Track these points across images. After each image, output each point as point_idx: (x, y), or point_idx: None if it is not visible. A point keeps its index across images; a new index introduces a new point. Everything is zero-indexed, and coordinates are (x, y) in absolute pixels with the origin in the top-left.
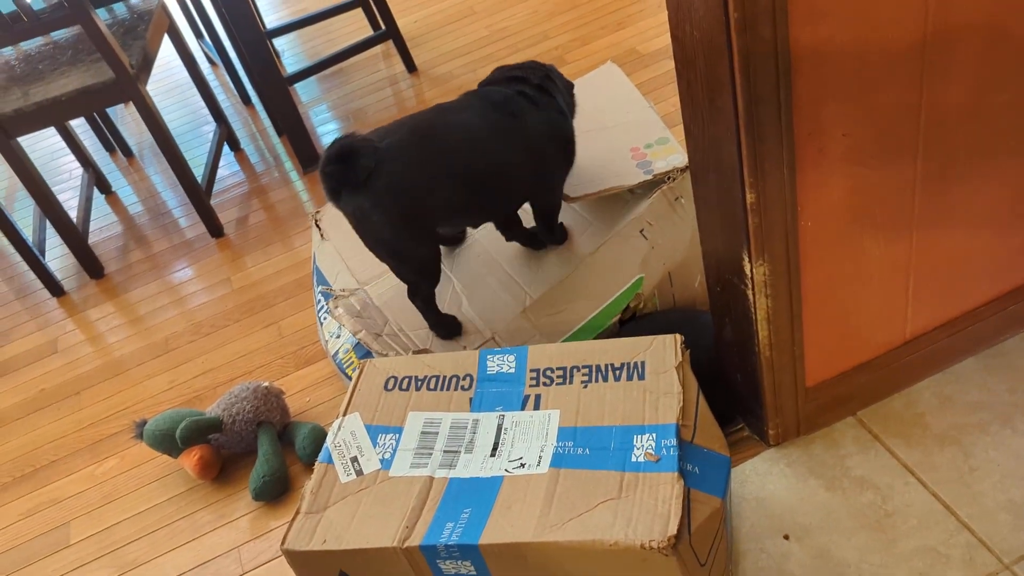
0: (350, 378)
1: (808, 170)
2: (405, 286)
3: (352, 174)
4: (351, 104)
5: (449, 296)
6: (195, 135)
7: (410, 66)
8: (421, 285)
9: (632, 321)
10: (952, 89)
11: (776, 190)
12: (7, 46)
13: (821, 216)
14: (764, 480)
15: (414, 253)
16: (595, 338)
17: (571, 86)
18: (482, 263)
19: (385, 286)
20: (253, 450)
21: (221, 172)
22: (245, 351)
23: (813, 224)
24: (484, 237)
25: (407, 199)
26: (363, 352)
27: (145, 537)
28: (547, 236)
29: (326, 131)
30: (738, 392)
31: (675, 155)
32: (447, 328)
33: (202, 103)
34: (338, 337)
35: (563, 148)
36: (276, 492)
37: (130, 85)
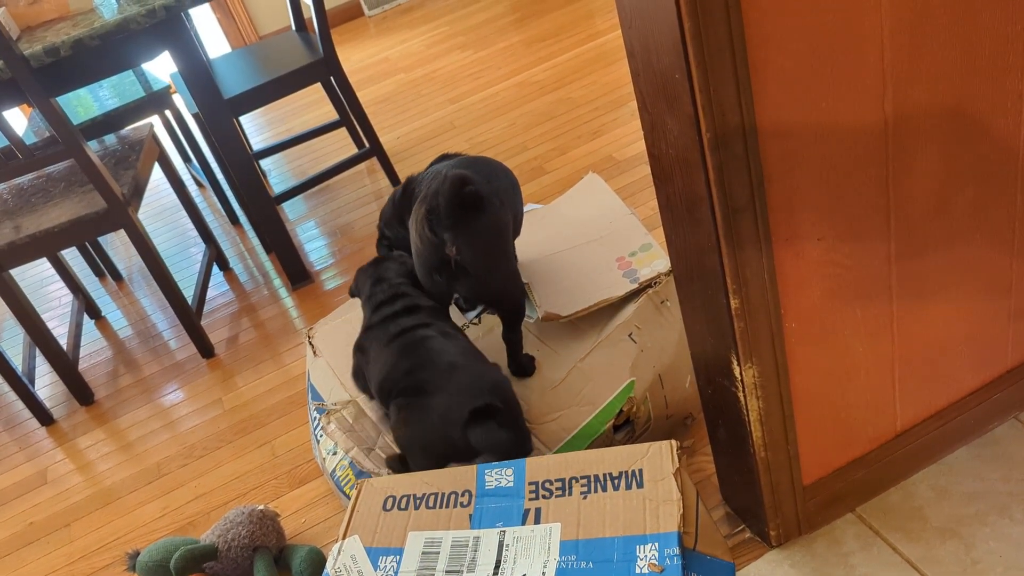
0: (348, 497)
1: (788, 274)
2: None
3: (477, 195)
4: (338, 220)
5: None
6: (183, 256)
7: (394, 180)
8: (519, 306)
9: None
10: (917, 190)
11: (759, 295)
12: (2, 182)
13: (804, 317)
14: None
15: (515, 269)
16: (591, 444)
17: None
18: None
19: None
20: None
21: (210, 292)
22: (238, 473)
23: (797, 325)
24: (479, 343)
25: (507, 225)
26: (358, 471)
27: None
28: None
29: (313, 247)
30: (737, 493)
31: (659, 260)
32: (529, 366)
33: (190, 225)
34: (334, 454)
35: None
36: None
37: (122, 214)
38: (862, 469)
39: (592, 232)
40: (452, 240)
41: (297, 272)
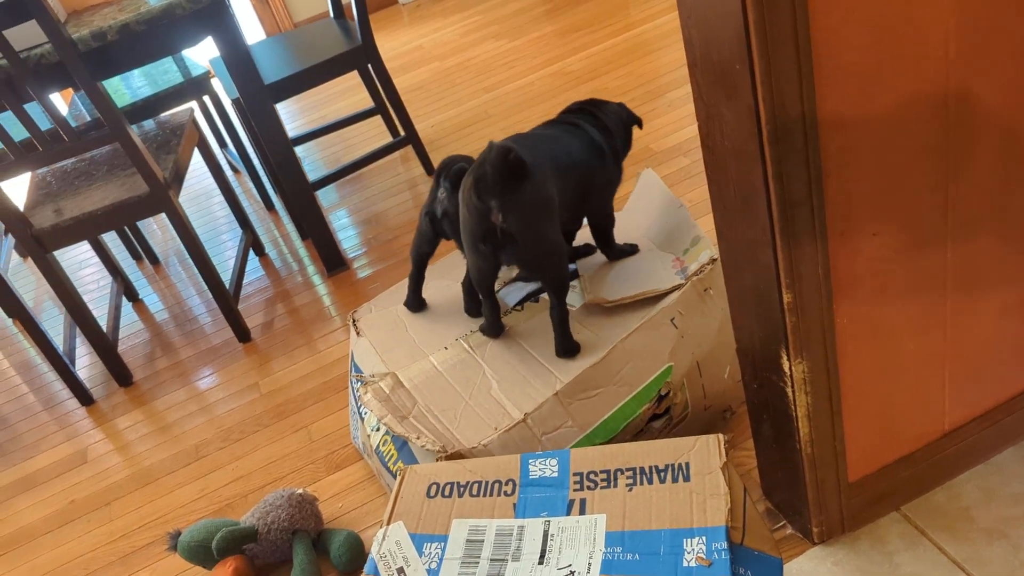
0: (392, 473)
1: (842, 269)
2: (439, 366)
3: (522, 164)
4: (371, 208)
5: (479, 380)
6: (217, 241)
7: (429, 169)
8: (564, 279)
9: None
10: (976, 186)
11: (812, 289)
12: (47, 165)
13: (856, 313)
14: None
15: (560, 240)
16: (625, 426)
17: (634, 121)
18: (514, 354)
19: (415, 370)
20: (288, 559)
21: (246, 277)
22: (276, 457)
23: (849, 321)
24: (513, 329)
25: (551, 197)
26: (400, 443)
27: None
28: (608, 252)
29: (345, 236)
30: (780, 489)
31: (705, 251)
32: (573, 351)
33: (223, 210)
34: (377, 430)
35: (612, 163)
36: None
37: (163, 198)
38: (908, 468)
39: (653, 236)
40: (499, 207)
41: (333, 259)
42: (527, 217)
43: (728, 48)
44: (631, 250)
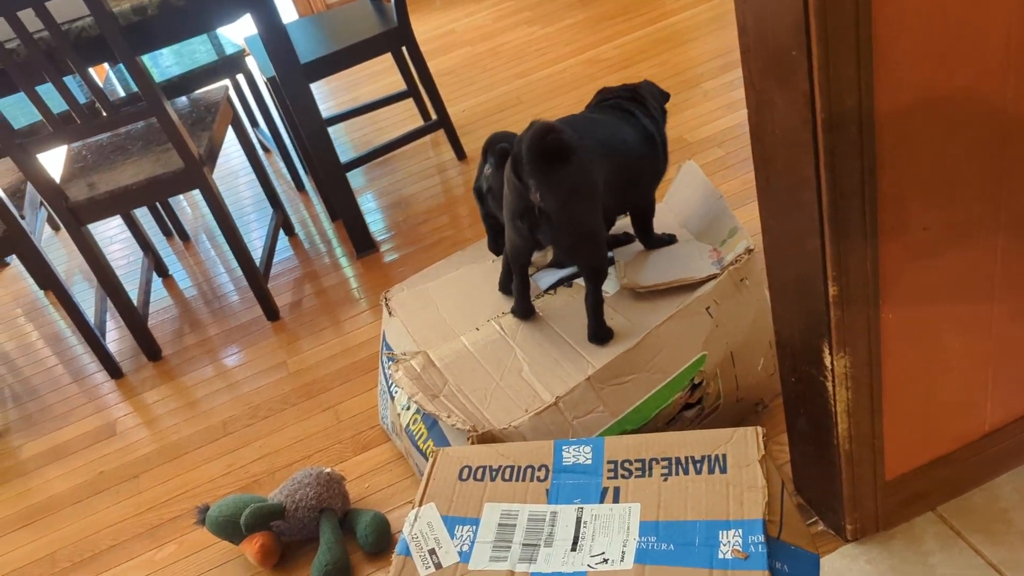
0: (422, 452)
1: (890, 263)
2: (470, 347)
3: (565, 144)
4: (400, 191)
5: (510, 362)
6: (246, 220)
7: (460, 154)
8: (605, 270)
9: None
10: None
11: (859, 283)
12: (84, 139)
13: (902, 308)
14: None
15: (600, 226)
16: (657, 414)
17: (666, 97)
18: (546, 337)
19: (447, 350)
20: (314, 537)
21: (275, 257)
22: (303, 435)
23: (895, 317)
24: (545, 312)
25: (594, 182)
26: (430, 422)
27: None
28: (646, 240)
29: (372, 220)
30: (813, 484)
31: (742, 242)
32: (608, 334)
33: (251, 190)
34: (408, 409)
35: (662, 154)
36: None
37: (198, 174)
38: (947, 468)
39: (691, 226)
40: (535, 186)
41: (363, 241)
42: (565, 199)
43: (785, 34)
44: (669, 239)
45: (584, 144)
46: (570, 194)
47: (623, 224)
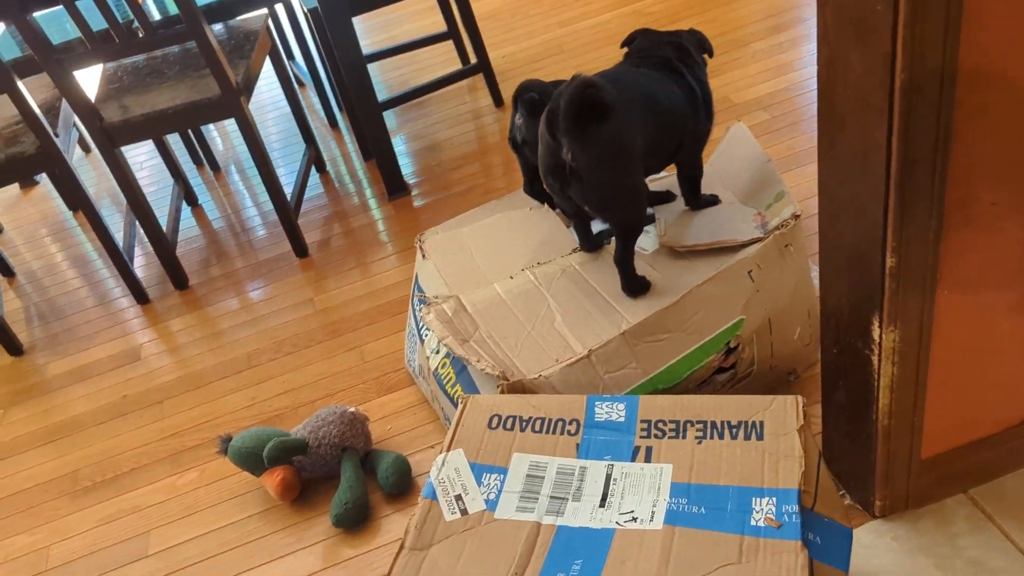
0: (450, 396)
1: (953, 237)
2: (503, 294)
3: (603, 102)
4: (433, 135)
5: (543, 312)
6: (274, 156)
7: (497, 100)
8: (638, 231)
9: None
10: None
11: (919, 256)
12: (122, 59)
13: (959, 286)
14: (870, 553)
15: (636, 186)
16: (690, 375)
17: (708, 50)
18: (580, 290)
19: (479, 296)
20: (335, 475)
21: (305, 193)
22: (327, 373)
23: (950, 293)
24: (582, 266)
25: (636, 133)
26: (459, 366)
27: (223, 554)
28: (692, 201)
29: (404, 163)
30: (844, 458)
31: (788, 207)
32: (642, 287)
33: (282, 124)
34: (437, 352)
35: (707, 115)
36: (357, 520)
37: (235, 103)
38: (984, 450)
39: (737, 189)
40: (568, 146)
41: (395, 183)
42: (598, 159)
43: None
44: (713, 200)
45: (624, 101)
46: (604, 154)
47: (668, 182)
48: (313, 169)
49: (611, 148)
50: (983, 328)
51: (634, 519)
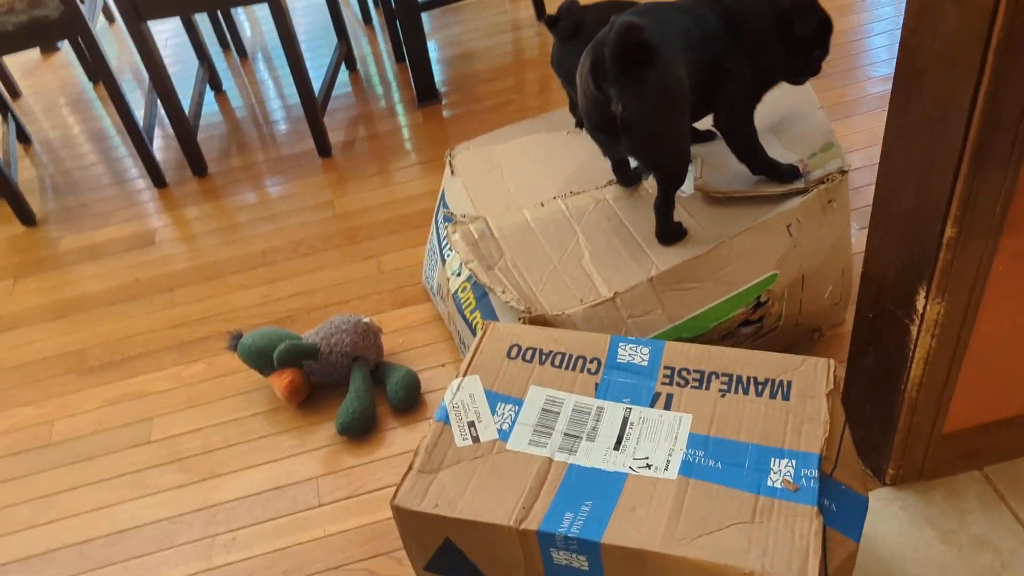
0: (467, 320)
1: (1019, 211)
2: (532, 222)
3: (648, 46)
4: (469, 43)
5: (571, 246)
6: (304, 47)
7: (540, 13)
8: (681, 179)
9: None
10: None
11: (982, 227)
12: None
13: (1016, 262)
14: (876, 519)
15: (685, 134)
16: (716, 326)
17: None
18: (612, 227)
19: (507, 220)
20: (343, 383)
21: (333, 91)
22: (343, 280)
23: (1004, 269)
24: (616, 201)
25: (681, 74)
26: (480, 292)
27: (225, 449)
28: (760, 170)
29: (435, 70)
30: (862, 423)
31: (834, 160)
32: (676, 235)
33: (310, 16)
34: (458, 275)
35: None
36: (362, 430)
37: None
38: (1007, 430)
39: (780, 133)
40: (618, 96)
41: (427, 89)
42: (652, 108)
43: None
44: (795, 172)
45: (666, 39)
46: (658, 101)
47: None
48: (343, 66)
49: (664, 94)
50: None
51: (648, 466)
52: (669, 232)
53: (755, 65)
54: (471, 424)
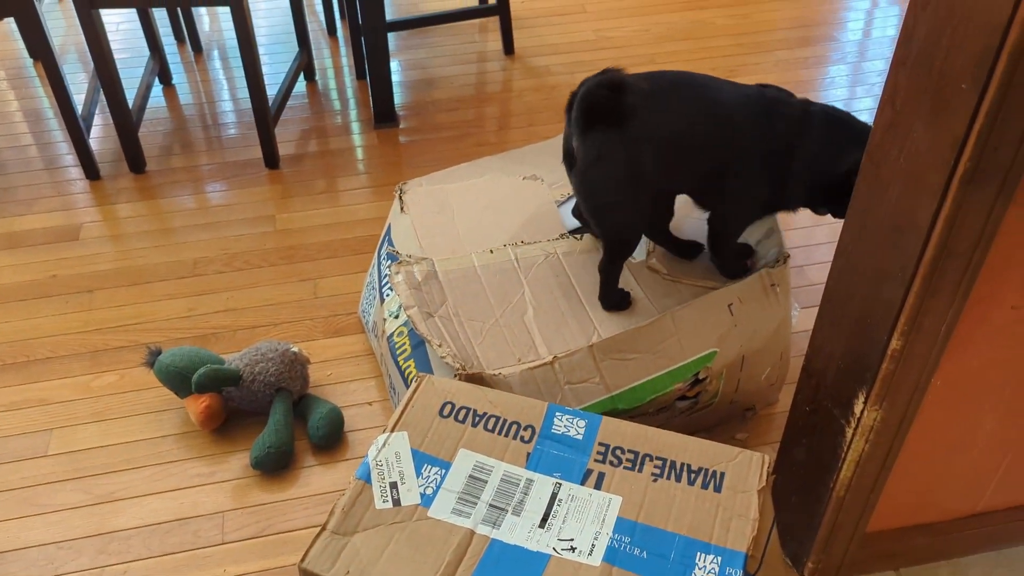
0: (399, 367)
1: (963, 333)
2: (479, 269)
3: (615, 108)
4: (433, 69)
5: (516, 300)
6: (262, 50)
7: (508, 48)
8: (626, 248)
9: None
10: None
11: (926, 344)
12: None
13: (955, 379)
14: None
15: (638, 205)
16: (653, 399)
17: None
18: (559, 284)
19: (454, 264)
20: (263, 413)
21: (289, 100)
22: (275, 300)
23: (943, 384)
24: (567, 256)
25: (654, 148)
26: (417, 340)
27: (129, 472)
28: (716, 261)
29: (396, 92)
30: (786, 513)
31: (775, 248)
32: (618, 303)
33: (272, 20)
34: (396, 317)
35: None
36: (277, 465)
37: None
38: (927, 535)
39: None
40: (572, 135)
41: (385, 111)
42: (595, 161)
43: (962, 62)
44: (742, 272)
45: (651, 120)
46: (601, 160)
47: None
48: (301, 76)
49: (610, 157)
50: (964, 423)
51: (572, 549)
52: (612, 299)
53: (785, 186)
54: (393, 485)
